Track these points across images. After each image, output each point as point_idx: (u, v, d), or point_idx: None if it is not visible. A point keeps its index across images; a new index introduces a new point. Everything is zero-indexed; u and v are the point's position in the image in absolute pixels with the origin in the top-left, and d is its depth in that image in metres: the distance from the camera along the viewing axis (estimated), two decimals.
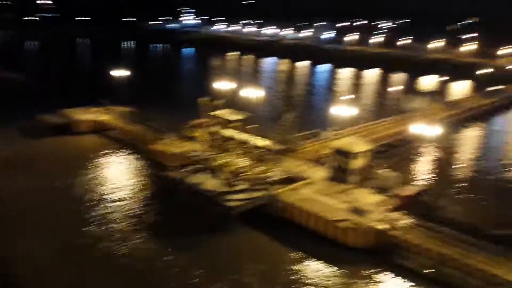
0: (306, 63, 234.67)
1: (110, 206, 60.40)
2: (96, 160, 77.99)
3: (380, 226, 50.82)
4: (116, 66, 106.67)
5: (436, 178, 75.07)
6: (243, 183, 61.36)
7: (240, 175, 63.60)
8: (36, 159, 76.66)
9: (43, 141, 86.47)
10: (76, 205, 60.34)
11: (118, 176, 71.47)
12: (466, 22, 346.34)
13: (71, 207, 59.53)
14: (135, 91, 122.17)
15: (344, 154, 63.41)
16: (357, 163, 63.00)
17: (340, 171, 63.84)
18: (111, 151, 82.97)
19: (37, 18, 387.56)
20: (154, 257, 49.07)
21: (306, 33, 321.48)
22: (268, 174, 63.65)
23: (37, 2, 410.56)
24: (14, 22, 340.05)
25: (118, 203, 61.63)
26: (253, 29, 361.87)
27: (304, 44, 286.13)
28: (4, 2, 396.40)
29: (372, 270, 47.86)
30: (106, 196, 63.42)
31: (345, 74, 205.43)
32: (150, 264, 47.71)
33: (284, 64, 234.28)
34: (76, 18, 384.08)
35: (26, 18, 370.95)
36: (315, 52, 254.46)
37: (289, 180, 62.34)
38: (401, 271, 47.92)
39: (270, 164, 67.06)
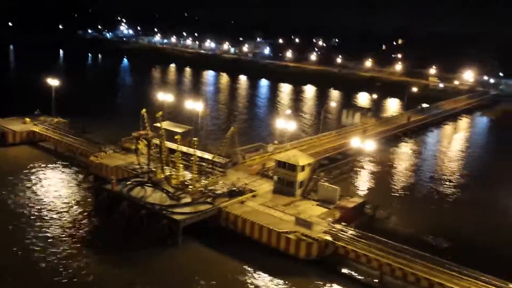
0: (244, 78, 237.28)
1: (49, 223, 56.78)
2: (31, 172, 73.60)
3: (326, 238, 52.03)
4: (49, 75, 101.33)
5: (376, 190, 78.42)
6: (188, 196, 60.46)
7: (185, 188, 62.63)
8: None
9: None
10: (12, 221, 56.26)
11: (55, 190, 67.73)
12: (394, 42, 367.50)
13: (5, 223, 55.29)
14: (72, 102, 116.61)
15: (288, 167, 64.52)
16: (302, 176, 64.33)
17: (285, 183, 64.85)
18: (47, 163, 78.63)
19: None
20: (102, 272, 46.99)
21: (244, 48, 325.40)
22: (213, 187, 63.18)
23: None
24: None
25: (57, 219, 58.11)
26: (189, 42, 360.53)
27: (243, 59, 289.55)
28: None
29: (319, 281, 48.76)
30: (45, 212, 59.67)
31: (284, 89, 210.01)
32: (98, 279, 45.51)
33: (223, 78, 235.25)
34: (8, 23, 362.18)
35: None
36: (254, 67, 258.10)
37: (235, 193, 62.24)
38: (346, 281, 49.30)
39: (214, 177, 66.65)
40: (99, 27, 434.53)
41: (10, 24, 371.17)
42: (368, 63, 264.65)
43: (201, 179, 65.01)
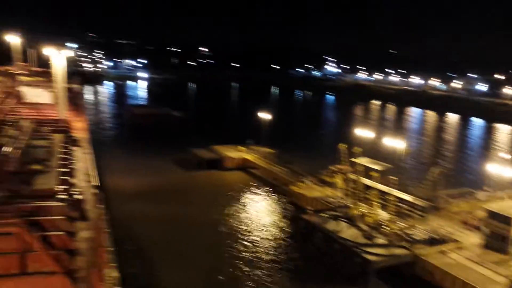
0: (455, 116, 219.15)
1: (249, 245, 62.39)
2: (243, 195, 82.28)
3: None
4: (262, 109, 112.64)
5: None
6: (383, 237, 58.37)
7: (380, 228, 60.71)
8: (190, 190, 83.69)
9: (196, 174, 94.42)
10: (223, 239, 63.55)
11: (259, 214, 74.03)
12: None
13: (213, 239, 62.94)
14: (279, 134, 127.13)
15: (503, 219, 56.38)
16: None
17: (497, 238, 56.72)
18: (254, 188, 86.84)
19: (195, 64, 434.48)
20: None
21: (455, 84, 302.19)
22: (411, 231, 59.54)
23: (200, 48, 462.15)
24: (177, 67, 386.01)
25: (256, 241, 63.35)
26: (396, 78, 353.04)
27: (453, 96, 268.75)
28: (173, 49, 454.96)
29: None
30: (247, 234, 65.82)
31: (502, 130, 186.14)
32: None
33: (429, 115, 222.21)
34: (231, 64, 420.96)
35: (189, 63, 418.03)
36: (466, 105, 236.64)
37: (435, 241, 57.35)
38: None
39: (413, 221, 62.82)
40: (309, 66, 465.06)
41: (233, 64, 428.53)
42: None
43: (398, 221, 62.09)
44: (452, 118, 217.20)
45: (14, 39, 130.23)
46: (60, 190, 39.48)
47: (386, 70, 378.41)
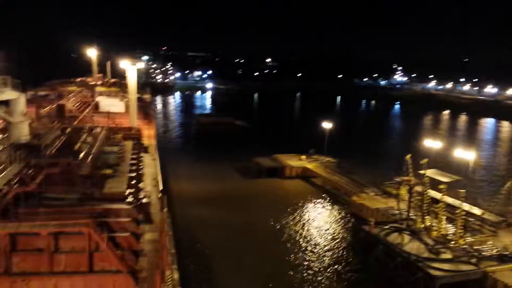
0: None
1: (311, 253, 62.23)
2: (303, 204, 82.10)
3: None
4: (324, 119, 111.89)
5: None
6: (449, 252, 55.79)
7: (446, 242, 58.08)
8: (249, 197, 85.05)
9: (256, 181, 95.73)
10: (282, 246, 63.94)
11: (321, 223, 73.71)
12: None
13: (271, 246, 63.45)
14: (341, 143, 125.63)
15: None
16: None
17: None
18: (314, 197, 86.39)
19: (258, 74, 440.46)
20: None
21: None
22: (480, 247, 56.35)
23: (266, 61, 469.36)
24: (241, 77, 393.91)
25: (315, 251, 63.05)
26: (466, 88, 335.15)
27: None
28: (238, 60, 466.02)
29: None
30: (309, 242, 65.74)
31: None
32: None
33: (504, 127, 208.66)
34: (294, 74, 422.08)
35: (252, 73, 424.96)
36: None
37: (507, 258, 53.86)
38: None
39: (482, 236, 59.44)
40: (374, 75, 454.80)
41: (298, 75, 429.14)
42: None
43: (466, 236, 59.02)
44: None
45: (92, 52, 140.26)
46: (128, 193, 42.13)
47: (459, 79, 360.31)
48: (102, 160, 48.99)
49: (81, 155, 45.21)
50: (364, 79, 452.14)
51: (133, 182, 47.05)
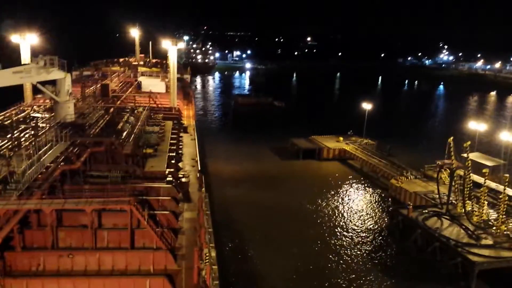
0: None
1: (343, 236, 62.30)
2: (339, 186, 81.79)
3: None
4: (365, 100, 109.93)
5: None
6: (490, 238, 54.40)
7: (488, 228, 56.60)
8: (285, 178, 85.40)
9: (293, 163, 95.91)
10: (318, 228, 64.25)
11: (356, 205, 73.30)
12: None
13: (306, 228, 63.91)
14: (382, 125, 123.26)
15: None
16: None
17: None
18: (352, 180, 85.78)
19: (299, 53, 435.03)
20: None
21: None
22: None
23: (306, 39, 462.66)
24: (281, 57, 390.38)
25: (351, 233, 63.05)
26: None
27: None
28: (279, 40, 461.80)
29: None
30: (345, 225, 65.74)
31: None
32: None
33: None
34: (335, 53, 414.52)
35: (293, 53, 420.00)
36: None
37: None
38: None
39: None
40: (419, 54, 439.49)
41: (339, 54, 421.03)
42: None
43: (509, 222, 57.23)
44: None
45: (134, 33, 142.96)
46: (168, 173, 43.54)
47: (509, 58, 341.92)
48: (144, 139, 50.68)
49: (124, 134, 46.96)
50: (409, 58, 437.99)
51: (173, 161, 48.55)
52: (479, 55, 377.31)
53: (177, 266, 34.26)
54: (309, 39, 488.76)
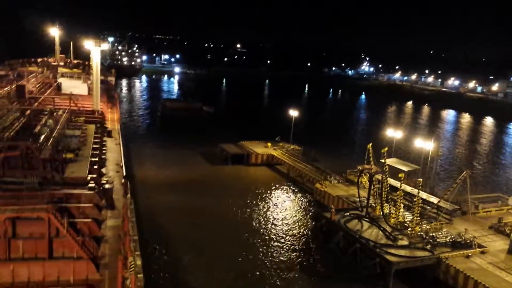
0: (490, 120, 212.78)
1: (269, 239, 63.29)
2: (267, 191, 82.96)
3: None
4: (292, 107, 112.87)
5: None
6: (405, 239, 58.04)
7: (403, 229, 60.37)
8: (214, 183, 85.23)
9: (221, 168, 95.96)
10: (239, 231, 64.65)
11: (285, 210, 74.78)
12: None
13: (234, 232, 64.16)
14: (307, 131, 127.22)
15: None
16: None
17: None
18: (279, 184, 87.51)
19: (228, 59, 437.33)
20: None
21: (495, 87, 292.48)
22: (435, 234, 58.88)
23: (236, 46, 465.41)
24: (210, 62, 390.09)
25: (276, 236, 64.20)
26: (430, 79, 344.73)
27: (490, 99, 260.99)
28: (208, 45, 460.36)
29: None
30: (273, 229, 66.73)
31: None
32: None
33: (464, 118, 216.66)
34: (264, 61, 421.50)
35: (225, 59, 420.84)
36: (504, 108, 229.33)
37: (460, 245, 56.54)
38: None
39: (438, 224, 62.07)
40: (343, 65, 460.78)
41: (268, 62, 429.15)
42: None
43: (423, 223, 61.50)
44: (489, 122, 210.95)
45: (54, 32, 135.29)
46: (90, 178, 41.47)
47: (425, 71, 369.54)
48: (64, 143, 47.96)
49: (42, 138, 44.13)
50: (333, 69, 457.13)
51: (96, 167, 46.37)
52: (397, 67, 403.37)
53: (100, 276, 32.68)
54: (238, 46, 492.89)
